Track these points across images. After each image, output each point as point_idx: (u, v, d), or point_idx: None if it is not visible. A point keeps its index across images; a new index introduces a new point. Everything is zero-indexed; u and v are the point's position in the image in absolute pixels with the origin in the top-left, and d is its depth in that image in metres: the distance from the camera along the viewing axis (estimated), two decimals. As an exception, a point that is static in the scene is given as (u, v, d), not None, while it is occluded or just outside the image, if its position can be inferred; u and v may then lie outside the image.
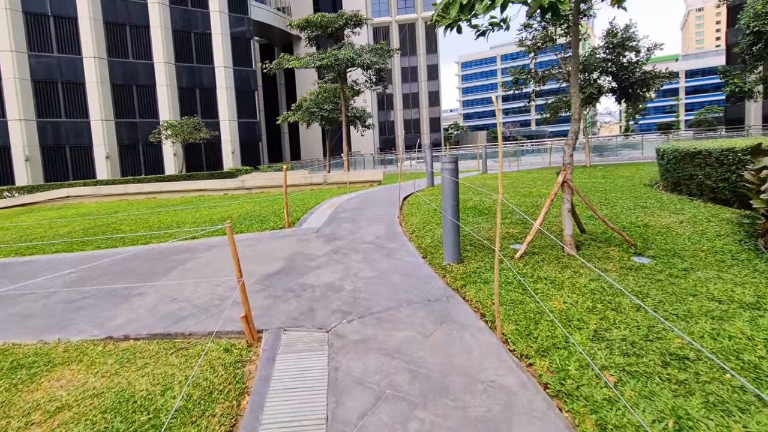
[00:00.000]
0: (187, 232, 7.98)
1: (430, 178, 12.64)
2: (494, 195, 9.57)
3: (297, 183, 15.99)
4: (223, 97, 32.29)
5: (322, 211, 8.95)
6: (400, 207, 9.12)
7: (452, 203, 4.76)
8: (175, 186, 15.81)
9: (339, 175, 16.14)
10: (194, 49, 31.42)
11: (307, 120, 24.82)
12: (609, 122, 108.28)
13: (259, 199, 13.24)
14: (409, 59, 67.35)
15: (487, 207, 8.16)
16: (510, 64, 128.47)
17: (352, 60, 19.18)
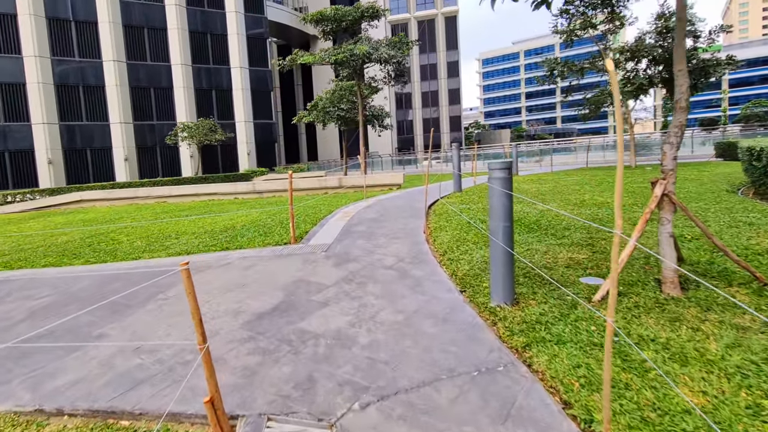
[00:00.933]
0: (184, 246, 6.99)
1: (458, 182, 11.39)
2: (540, 204, 8.26)
3: (310, 187, 14.96)
4: (239, 98, 31.68)
5: (334, 223, 7.82)
6: (426, 218, 7.92)
7: (504, 224, 3.55)
8: (186, 189, 15.01)
9: (356, 178, 15.03)
10: (211, 50, 30.91)
11: (323, 120, 23.81)
12: (644, 118, 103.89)
13: (269, 204, 12.23)
14: (429, 56, 65.94)
15: (534, 220, 6.85)
16: (534, 60, 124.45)
17: (369, 55, 18.04)
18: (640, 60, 17.38)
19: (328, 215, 8.71)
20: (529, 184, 12.72)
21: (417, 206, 9.22)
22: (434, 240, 6.08)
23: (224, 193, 14.96)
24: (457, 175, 11.38)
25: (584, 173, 16.59)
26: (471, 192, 11.15)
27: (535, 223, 6.59)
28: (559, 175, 16.31)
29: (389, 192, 13.40)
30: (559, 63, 20.02)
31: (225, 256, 6.06)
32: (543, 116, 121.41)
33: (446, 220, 7.37)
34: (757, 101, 66.33)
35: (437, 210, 8.57)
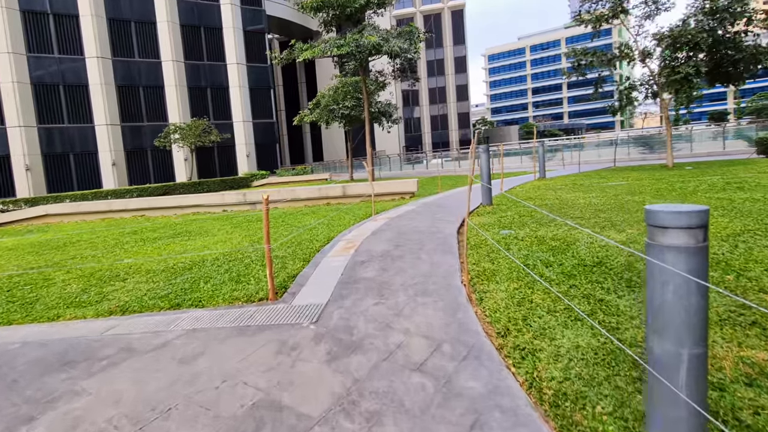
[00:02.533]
0: (126, 295, 5.03)
1: (488, 194, 9.33)
2: (615, 233, 6.13)
3: (309, 197, 12.97)
4: (236, 97, 29.75)
5: (332, 260, 5.78)
6: (458, 248, 5.89)
7: (692, 351, 1.50)
8: (167, 201, 13.06)
9: (362, 186, 13.00)
10: (205, 45, 28.99)
11: (326, 119, 21.82)
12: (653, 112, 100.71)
13: (259, 221, 10.24)
14: (435, 51, 63.79)
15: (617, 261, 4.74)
16: (539, 55, 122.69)
17: (378, 46, 15.99)
18: (682, 47, 15.13)
19: (326, 245, 6.68)
20: (570, 192, 10.62)
21: (442, 229, 7.17)
22: (481, 299, 4.03)
23: (211, 205, 13.01)
24: (487, 186, 9.31)
25: (621, 175, 14.43)
26: (505, 206, 9.07)
27: (633, 272, 4.49)
28: (594, 178, 14.20)
29: (402, 203, 11.36)
30: (587, 53, 17.80)
31: (168, 323, 4.07)
32: (550, 112, 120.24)
33: (489, 256, 5.32)
34: (763, 94, 63.50)
35: (471, 236, 6.51)
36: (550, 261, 4.91)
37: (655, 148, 26.17)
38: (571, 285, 4.18)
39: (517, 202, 9.48)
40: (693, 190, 9.26)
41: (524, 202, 9.30)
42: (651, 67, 17.32)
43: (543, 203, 9.31)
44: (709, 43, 14.48)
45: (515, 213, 8.20)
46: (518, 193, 11.83)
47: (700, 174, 13.19)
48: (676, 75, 14.87)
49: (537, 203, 9.26)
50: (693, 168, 15.37)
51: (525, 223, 7.10)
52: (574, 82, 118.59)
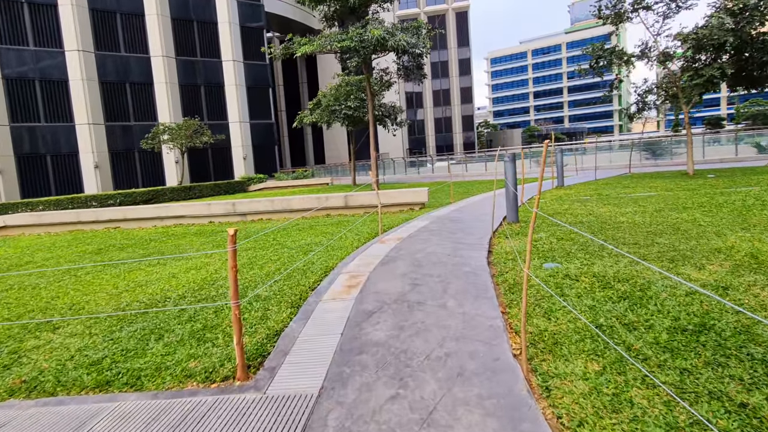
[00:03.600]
0: (54, 355, 3.67)
1: (514, 209, 7.97)
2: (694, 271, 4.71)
3: (306, 207, 11.60)
4: (232, 96, 28.33)
5: (327, 311, 4.38)
6: (494, 287, 4.50)
7: None
8: (144, 212, 11.66)
9: (366, 196, 11.61)
10: (198, 40, 27.54)
11: (327, 120, 20.47)
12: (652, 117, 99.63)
13: (246, 238, 8.86)
14: (440, 53, 62.57)
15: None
16: (540, 59, 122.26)
17: (383, 41, 14.65)
18: (706, 48, 13.82)
19: (323, 279, 5.30)
20: (601, 205, 9.23)
21: (467, 257, 5.78)
22: (549, 390, 2.65)
23: (195, 216, 11.63)
24: (514, 201, 7.94)
25: (644, 184, 13.07)
26: (537, 223, 7.69)
27: None
28: (616, 187, 12.88)
29: (412, 217, 9.98)
30: (606, 51, 16.48)
31: (78, 425, 2.69)
32: (551, 115, 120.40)
33: (539, 305, 3.94)
34: (755, 100, 62.61)
35: (506, 268, 5.12)
36: (631, 320, 3.53)
37: (665, 153, 24.86)
38: (682, 370, 2.81)
39: (546, 219, 8.11)
40: (743, 206, 7.93)
41: (556, 219, 7.94)
42: (672, 68, 16.09)
43: (577, 220, 7.94)
44: (735, 44, 13.21)
45: (550, 234, 6.82)
46: (541, 205, 10.45)
47: (730, 183, 11.91)
48: (699, 78, 13.53)
49: (570, 220, 7.89)
50: (716, 176, 14.12)
51: (569, 251, 5.72)
52: (575, 87, 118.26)
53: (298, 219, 11.45)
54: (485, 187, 16.71)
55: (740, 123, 57.75)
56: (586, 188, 13.56)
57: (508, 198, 8.03)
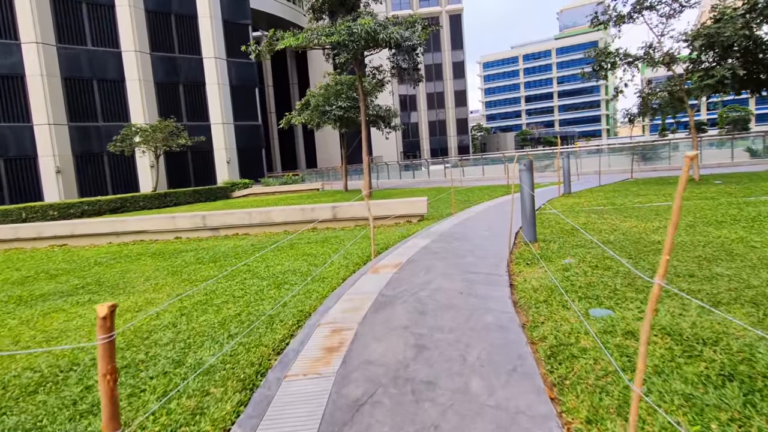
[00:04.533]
0: None
1: (531, 224, 6.62)
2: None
3: (288, 220, 10.15)
4: (214, 95, 26.68)
5: (294, 398, 2.93)
6: (533, 355, 3.10)
7: None
8: (97, 227, 10.05)
9: (358, 208, 10.18)
10: (176, 35, 25.82)
11: (316, 121, 19.04)
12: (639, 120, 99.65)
13: (214, 261, 7.39)
14: (433, 56, 61.61)
15: None
16: (532, 64, 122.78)
17: (374, 34, 13.28)
18: (715, 49, 12.73)
19: (293, 335, 3.85)
20: (621, 218, 7.89)
21: (486, 298, 4.36)
22: None
23: (158, 231, 10.09)
24: (531, 216, 6.58)
25: (653, 191, 11.88)
26: (554, 242, 6.29)
27: None
28: (627, 195, 11.72)
29: (410, 232, 8.57)
30: (609, 54, 15.40)
31: None
32: (542, 119, 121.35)
33: (605, 391, 2.54)
34: (732, 106, 62.99)
35: (545, 326, 3.72)
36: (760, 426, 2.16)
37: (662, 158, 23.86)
38: None
39: (568, 237, 6.76)
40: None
41: (586, 233, 6.59)
42: (677, 70, 15.03)
43: (603, 238, 6.61)
44: (744, 45, 12.15)
45: (580, 259, 5.47)
46: (552, 217, 9.15)
47: (745, 191, 10.84)
48: (710, 78, 12.37)
49: (595, 237, 6.54)
50: (723, 183, 13.05)
51: (613, 286, 4.36)
52: (565, 91, 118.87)
53: (280, 232, 9.98)
54: (486, 194, 15.39)
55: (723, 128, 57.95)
56: (596, 196, 12.32)
57: (525, 212, 6.66)
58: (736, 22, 11.49)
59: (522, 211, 6.71)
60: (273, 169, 49.97)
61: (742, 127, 54.78)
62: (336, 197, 19.03)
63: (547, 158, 28.95)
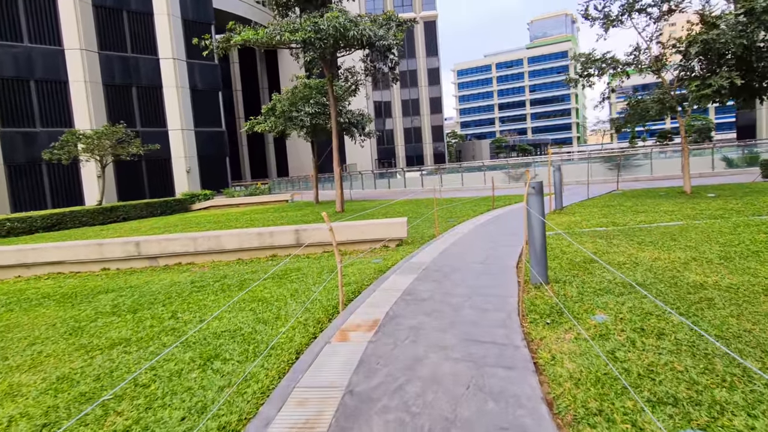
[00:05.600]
0: None
1: (542, 262, 5.28)
2: None
3: (244, 247, 8.53)
4: (173, 99, 24.58)
5: None
6: None
7: None
8: (1, 257, 8.14)
9: (325, 231, 8.62)
10: (129, 33, 23.63)
11: (282, 128, 17.40)
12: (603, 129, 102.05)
13: (143, 309, 5.69)
14: (408, 62, 60.83)
15: None
16: (504, 72, 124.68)
17: (344, 30, 11.83)
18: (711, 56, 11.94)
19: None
20: (636, 245, 6.64)
21: (508, 399, 2.91)
22: None
23: (80, 262, 8.26)
24: (542, 252, 5.23)
25: (650, 206, 10.81)
26: (571, 283, 4.91)
27: None
28: (626, 213, 10.65)
29: (389, 265, 7.09)
30: (597, 60, 14.52)
31: None
32: (515, 127, 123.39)
33: None
34: (695, 116, 65.15)
35: None
36: None
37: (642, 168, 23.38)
38: None
39: (584, 275, 5.44)
40: None
41: (595, 268, 5.27)
42: (666, 77, 14.30)
43: (627, 276, 5.34)
44: (740, 53, 11.42)
45: (616, 316, 4.12)
46: (553, 243, 7.91)
47: (749, 207, 10.05)
48: (707, 88, 11.53)
49: (614, 277, 5.23)
50: (717, 196, 12.31)
51: (689, 377, 2.99)
52: (537, 100, 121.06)
53: (233, 261, 8.31)
54: (469, 208, 14.11)
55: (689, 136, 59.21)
56: (591, 213, 11.19)
57: (534, 246, 5.29)
58: (735, 28, 10.63)
59: (530, 245, 5.33)
60: (242, 178, 47.64)
61: (705, 137, 56.19)
62: (305, 211, 17.39)
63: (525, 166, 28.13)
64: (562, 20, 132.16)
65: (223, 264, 8.49)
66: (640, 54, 13.81)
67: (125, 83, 23.22)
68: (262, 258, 8.70)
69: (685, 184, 13.69)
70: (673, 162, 22.02)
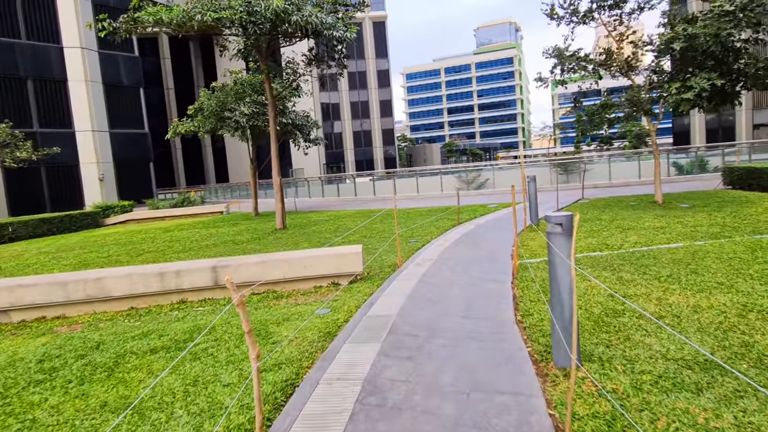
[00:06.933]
0: None
1: (571, 323, 3.48)
2: None
3: (140, 292, 6.22)
4: (81, 95, 20.93)
5: None
6: None
7: None
8: None
9: (253, 268, 6.45)
10: (21, 16, 19.88)
11: (210, 129, 14.88)
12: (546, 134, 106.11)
13: None
14: (357, 63, 59.01)
15: None
16: (453, 77, 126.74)
17: (284, 14, 9.73)
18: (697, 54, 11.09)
19: None
20: (667, 284, 5.11)
21: None
22: None
23: None
24: (570, 316, 3.48)
25: (627, 218, 9.67)
26: (622, 362, 3.20)
27: None
28: (607, 228, 9.39)
29: (339, 321, 5.10)
30: (569, 56, 13.44)
31: None
32: (464, 131, 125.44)
33: None
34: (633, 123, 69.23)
35: None
36: None
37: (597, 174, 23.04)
38: None
39: (619, 341, 3.78)
40: None
41: (629, 327, 3.64)
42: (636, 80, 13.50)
43: (681, 341, 3.76)
44: (719, 51, 10.69)
45: None
46: (542, 275, 6.35)
47: (737, 221, 9.03)
48: (688, 91, 10.60)
49: (648, 353, 3.62)
50: (690, 206, 11.53)
51: None
52: (484, 105, 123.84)
53: (116, 318, 5.95)
54: (431, 223, 12.40)
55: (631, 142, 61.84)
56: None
57: (562, 317, 3.53)
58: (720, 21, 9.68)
59: (553, 308, 3.56)
60: (176, 185, 43.45)
61: (642, 142, 58.73)
62: (240, 227, 14.92)
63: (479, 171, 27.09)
64: (507, 28, 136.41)
65: (108, 317, 6.12)
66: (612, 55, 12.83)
67: (14, 75, 19.31)
68: (165, 306, 6.39)
69: (656, 194, 12.81)
70: (629, 167, 21.73)
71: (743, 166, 14.76)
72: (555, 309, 3.52)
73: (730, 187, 15.44)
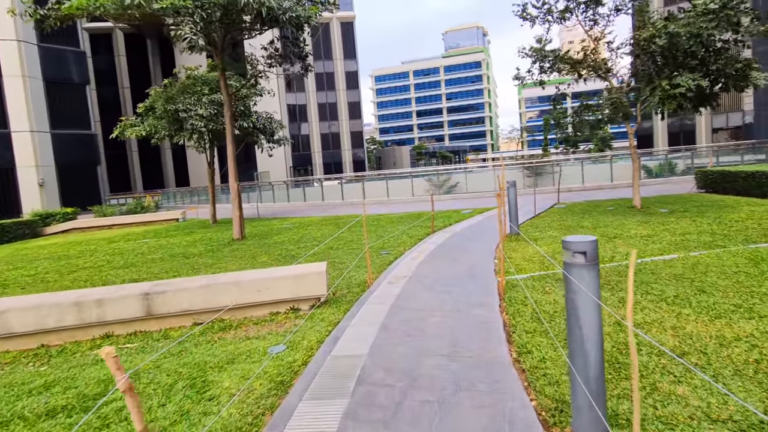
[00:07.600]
0: None
1: (598, 388, 2.63)
2: None
3: (50, 327, 5.02)
4: (17, 93, 18.83)
5: None
6: None
7: None
8: None
9: (198, 292, 5.38)
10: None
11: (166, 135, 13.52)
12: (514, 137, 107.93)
13: None
14: (324, 64, 57.83)
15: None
16: (422, 80, 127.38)
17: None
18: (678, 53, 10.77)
19: None
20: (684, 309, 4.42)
21: None
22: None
23: None
24: (598, 377, 2.63)
25: (612, 225, 9.15)
26: None
27: None
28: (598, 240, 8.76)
29: (297, 349, 4.11)
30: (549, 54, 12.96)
31: None
32: (433, 134, 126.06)
33: None
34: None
35: None
36: None
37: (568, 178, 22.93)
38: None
39: (651, 402, 3.02)
40: None
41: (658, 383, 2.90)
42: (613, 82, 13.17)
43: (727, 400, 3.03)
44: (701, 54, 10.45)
45: None
46: (537, 297, 5.62)
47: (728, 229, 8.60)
48: (675, 88, 10.22)
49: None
50: (670, 212, 11.23)
51: None
52: (453, 108, 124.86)
53: (19, 360, 4.75)
54: (404, 232, 11.55)
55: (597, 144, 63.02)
56: (552, 238, 9.22)
57: (587, 383, 2.81)
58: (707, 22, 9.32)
59: (572, 371, 2.75)
60: (132, 189, 40.92)
61: (607, 146, 60.10)
62: (194, 236, 13.61)
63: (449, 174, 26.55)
64: (474, 32, 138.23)
65: (8, 359, 4.91)
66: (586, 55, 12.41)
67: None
68: (84, 342, 5.22)
69: (635, 198, 12.45)
70: (602, 170, 21.67)
71: (717, 170, 14.71)
72: (576, 360, 2.68)
73: (704, 191, 15.39)
